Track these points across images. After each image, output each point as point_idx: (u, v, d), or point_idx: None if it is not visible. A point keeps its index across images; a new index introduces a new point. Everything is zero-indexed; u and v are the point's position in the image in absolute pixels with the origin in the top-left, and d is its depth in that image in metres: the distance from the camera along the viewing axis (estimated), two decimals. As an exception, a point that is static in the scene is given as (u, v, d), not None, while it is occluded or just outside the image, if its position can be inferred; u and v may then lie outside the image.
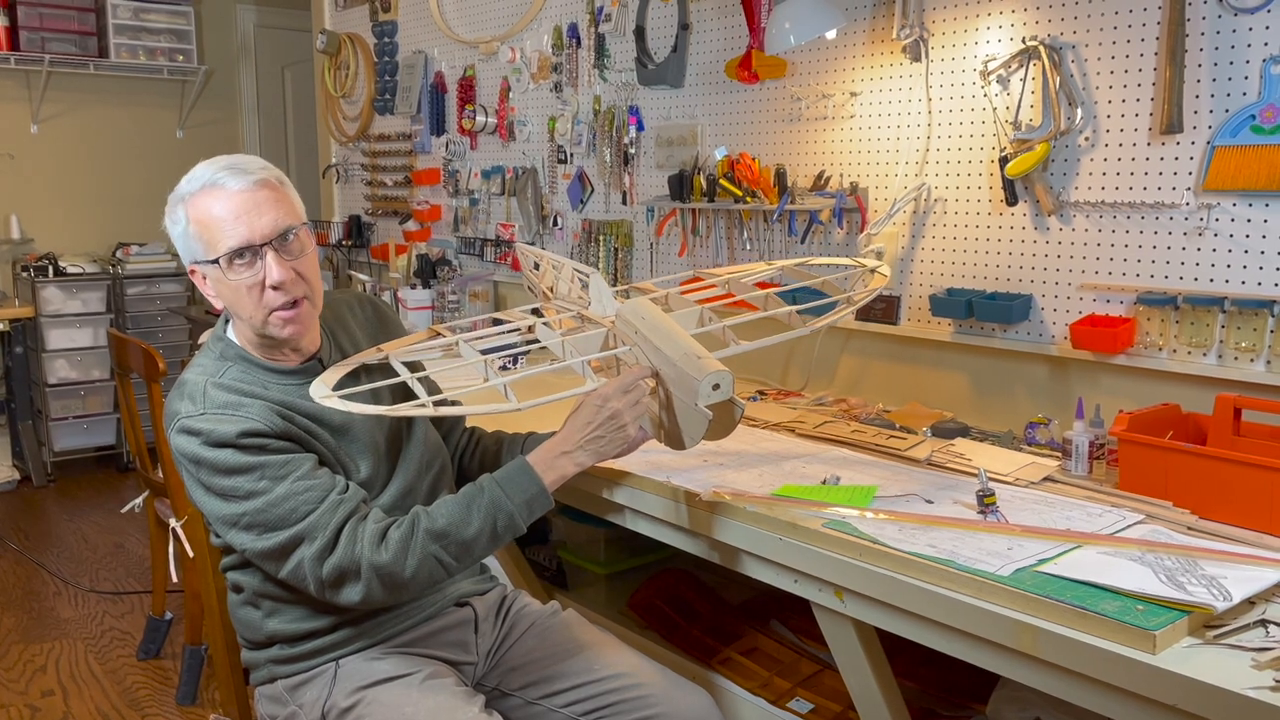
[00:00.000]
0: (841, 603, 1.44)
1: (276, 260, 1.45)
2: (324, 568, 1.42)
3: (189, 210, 1.45)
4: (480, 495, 1.49)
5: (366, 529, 1.44)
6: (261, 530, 1.43)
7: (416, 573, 1.43)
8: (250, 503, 1.42)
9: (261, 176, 1.47)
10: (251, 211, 1.44)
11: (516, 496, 1.48)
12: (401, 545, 1.43)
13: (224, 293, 1.48)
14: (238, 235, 1.43)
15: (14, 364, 4.72)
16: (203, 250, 1.45)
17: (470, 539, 1.46)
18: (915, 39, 2.17)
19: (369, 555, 1.42)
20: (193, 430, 1.43)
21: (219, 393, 1.46)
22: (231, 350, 1.53)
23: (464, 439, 1.86)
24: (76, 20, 4.94)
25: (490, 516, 1.47)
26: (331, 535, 1.42)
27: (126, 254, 5.02)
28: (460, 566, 1.49)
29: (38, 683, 2.93)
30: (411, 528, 1.45)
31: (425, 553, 1.43)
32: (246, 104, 5.73)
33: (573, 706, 1.61)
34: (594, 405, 1.52)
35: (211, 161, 1.48)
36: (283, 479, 1.43)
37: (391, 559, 1.42)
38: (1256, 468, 1.44)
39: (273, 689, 1.60)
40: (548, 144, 3.27)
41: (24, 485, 4.78)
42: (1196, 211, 1.82)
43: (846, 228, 2.39)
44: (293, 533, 1.42)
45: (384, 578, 1.42)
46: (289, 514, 1.42)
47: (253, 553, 1.45)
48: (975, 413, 2.17)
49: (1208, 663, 1.10)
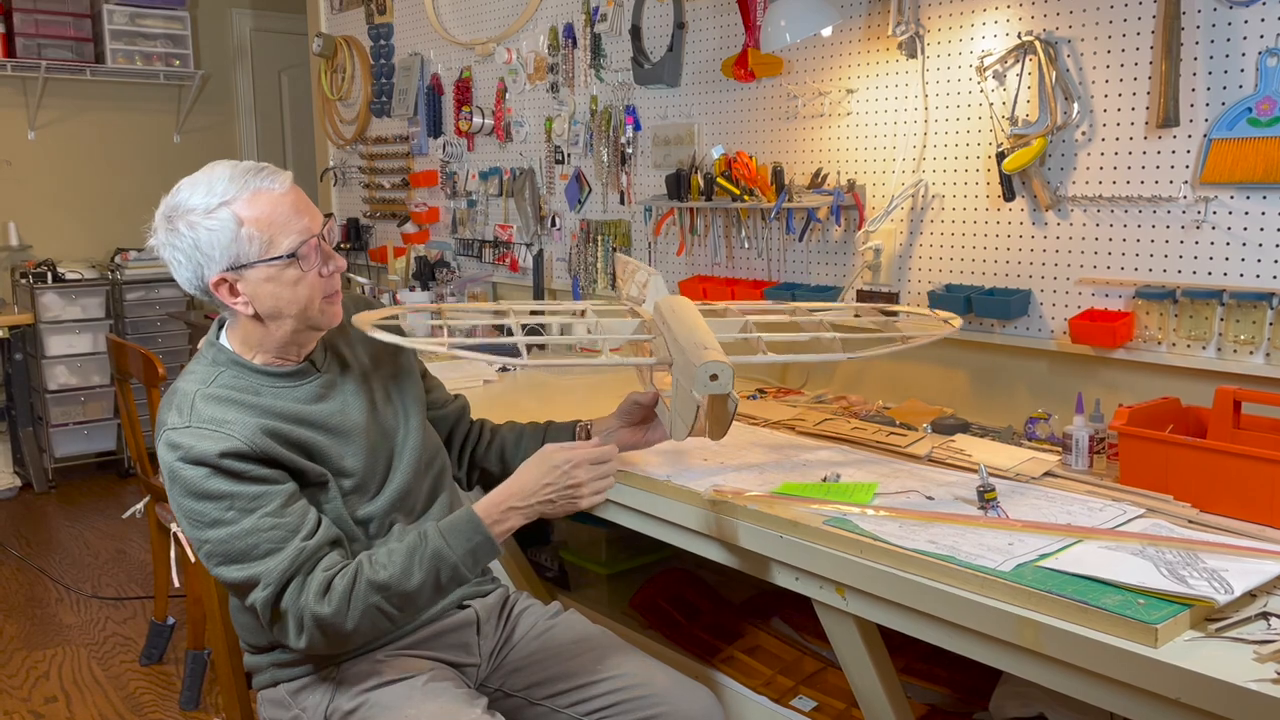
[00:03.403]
0: (843, 600, 1.44)
1: (329, 248, 1.51)
2: (272, 613, 1.41)
3: (240, 212, 1.43)
4: (423, 546, 1.44)
5: (314, 578, 1.41)
6: (221, 560, 1.42)
7: (359, 625, 1.41)
8: (214, 531, 1.41)
9: (289, 175, 1.51)
10: (304, 206, 1.49)
11: (460, 548, 1.44)
12: (344, 597, 1.40)
13: (273, 290, 1.46)
14: (303, 228, 1.47)
15: (14, 370, 4.72)
16: (260, 249, 1.44)
17: (413, 591, 1.43)
18: (911, 35, 2.17)
19: (313, 607, 1.39)
20: (174, 444, 1.41)
21: (206, 405, 1.44)
22: (224, 355, 1.53)
23: (473, 431, 1.85)
24: (72, 26, 4.94)
25: (433, 569, 1.43)
26: (280, 585, 1.40)
27: (125, 259, 5.02)
28: (404, 618, 1.47)
29: (41, 689, 2.93)
30: (354, 578, 1.41)
31: (367, 604, 1.41)
32: (243, 108, 5.73)
33: (576, 707, 1.60)
34: (558, 469, 1.47)
35: (227, 168, 1.47)
36: (250, 513, 1.40)
37: (333, 612, 1.40)
38: (1257, 460, 1.44)
39: (275, 693, 1.60)
40: (545, 145, 3.27)
41: (25, 492, 4.78)
42: (1194, 205, 1.82)
43: (844, 225, 2.39)
44: (250, 572, 1.40)
45: (325, 629, 1.40)
46: (249, 549, 1.40)
47: (215, 576, 1.45)
48: (975, 409, 2.17)
49: (1209, 656, 1.10)
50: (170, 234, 1.46)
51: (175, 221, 1.45)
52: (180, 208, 1.45)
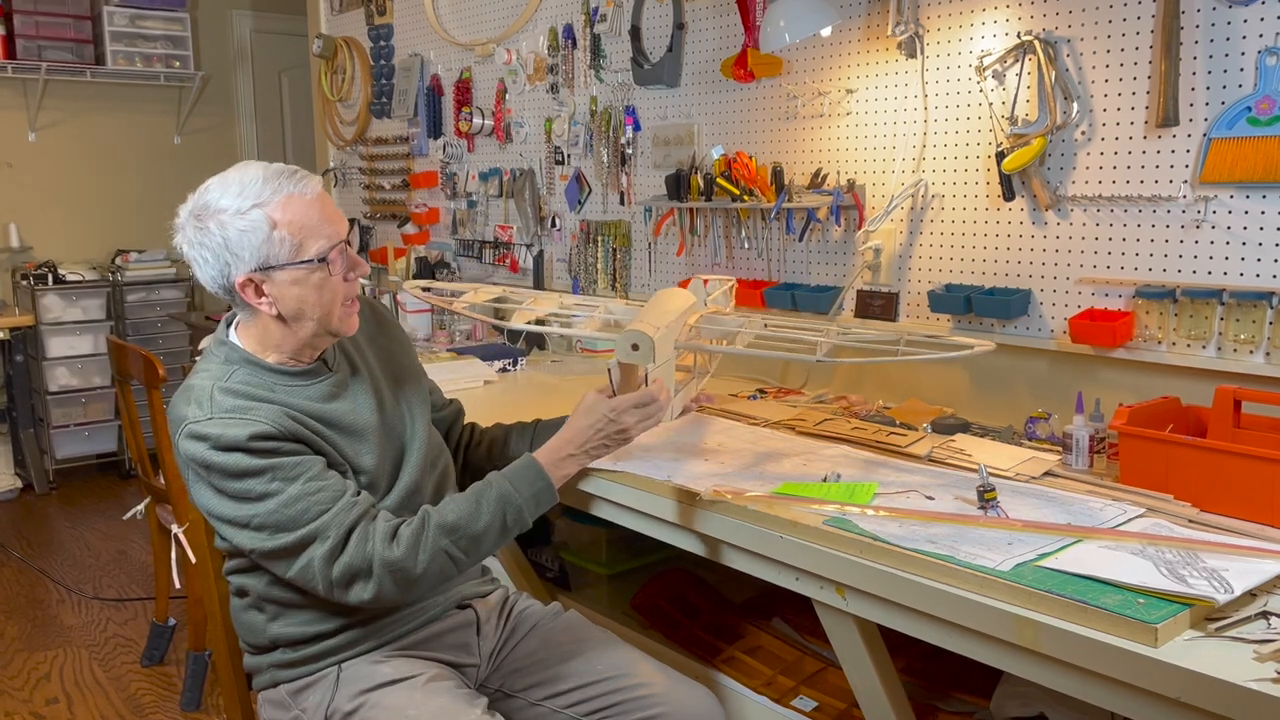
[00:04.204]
0: (843, 600, 1.44)
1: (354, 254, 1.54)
2: (335, 568, 1.43)
3: (274, 215, 1.45)
4: (488, 490, 1.52)
5: (378, 527, 1.46)
6: (273, 531, 1.43)
7: (428, 568, 1.45)
8: (263, 504, 1.43)
9: (319, 180, 1.53)
10: (334, 212, 1.52)
11: (524, 490, 1.53)
12: (413, 540, 1.45)
13: (299, 293, 1.48)
14: (332, 233, 1.49)
15: (15, 372, 4.72)
16: (290, 252, 1.46)
17: (480, 532, 1.49)
18: (910, 35, 2.17)
19: (381, 552, 1.43)
20: (201, 435, 1.42)
21: (226, 397, 1.46)
22: (236, 354, 1.53)
23: (465, 435, 1.88)
24: (73, 28, 4.94)
25: (499, 510, 1.50)
26: (343, 535, 1.43)
27: (125, 261, 5.02)
28: (469, 562, 1.51)
29: (42, 690, 2.93)
30: (422, 523, 1.47)
31: (436, 548, 1.45)
32: (244, 109, 5.73)
33: (576, 707, 1.61)
34: (605, 416, 1.59)
35: (259, 169, 1.48)
36: (294, 480, 1.43)
37: (403, 555, 1.44)
38: (1257, 460, 1.44)
39: (276, 694, 1.60)
40: (545, 145, 3.27)
41: (26, 493, 4.79)
42: (1194, 204, 1.82)
43: (844, 225, 2.39)
44: (304, 532, 1.42)
45: (396, 574, 1.44)
46: (301, 514, 1.42)
47: (261, 552, 1.45)
48: (975, 408, 2.17)
49: (1209, 655, 1.10)
50: (199, 232, 1.46)
51: (205, 220, 1.46)
52: (211, 207, 1.46)
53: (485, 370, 2.68)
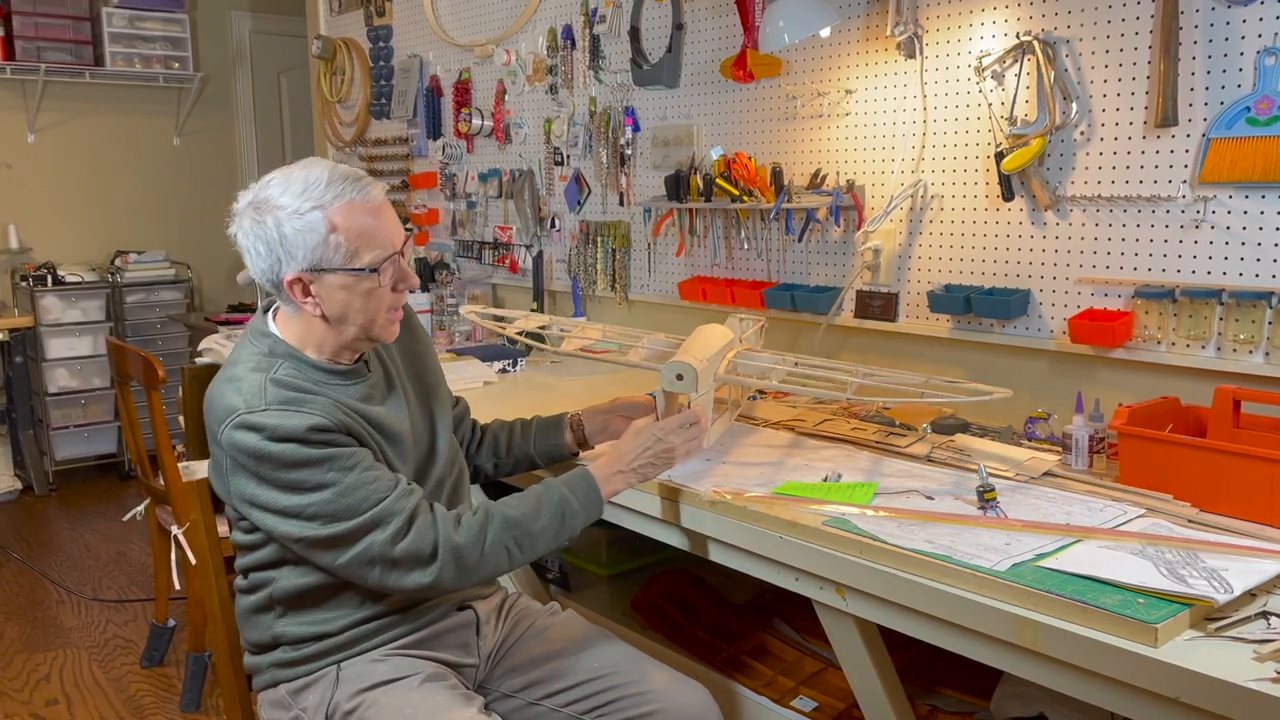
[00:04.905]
0: (843, 600, 1.44)
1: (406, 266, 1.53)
2: (397, 550, 1.43)
3: (333, 218, 1.44)
4: (548, 493, 1.53)
5: (441, 512, 1.47)
6: (327, 520, 1.43)
7: (487, 557, 1.46)
8: (319, 494, 1.42)
9: (382, 187, 1.52)
10: (392, 222, 1.51)
11: (581, 497, 1.53)
12: (479, 529, 1.46)
13: (345, 298, 1.48)
14: (388, 244, 1.49)
15: (14, 373, 4.72)
16: (344, 258, 1.46)
17: (537, 532, 1.50)
18: (909, 35, 2.17)
19: (449, 536, 1.44)
20: (255, 425, 1.41)
21: (278, 389, 1.45)
22: (281, 347, 1.53)
23: (471, 434, 1.88)
24: (72, 29, 4.94)
25: (559, 513, 1.51)
26: (405, 520, 1.44)
27: (125, 262, 5.02)
28: (523, 560, 1.51)
29: (42, 692, 2.93)
30: (486, 514, 1.48)
31: (499, 539, 1.47)
32: (243, 110, 5.73)
33: (573, 705, 1.61)
34: (655, 436, 1.60)
35: (324, 170, 1.47)
36: (351, 469, 1.44)
37: (469, 541, 1.45)
38: (1257, 460, 1.44)
39: (275, 694, 1.60)
40: (544, 146, 3.27)
41: (26, 494, 4.79)
42: (1193, 204, 1.82)
43: (843, 225, 2.39)
44: (364, 519, 1.42)
45: (459, 559, 1.45)
46: (359, 503, 1.43)
47: (311, 541, 1.44)
48: (974, 409, 2.17)
49: (1209, 655, 1.10)
50: (256, 224, 1.46)
51: (264, 213, 1.46)
52: (271, 201, 1.46)
53: (485, 371, 2.68)
